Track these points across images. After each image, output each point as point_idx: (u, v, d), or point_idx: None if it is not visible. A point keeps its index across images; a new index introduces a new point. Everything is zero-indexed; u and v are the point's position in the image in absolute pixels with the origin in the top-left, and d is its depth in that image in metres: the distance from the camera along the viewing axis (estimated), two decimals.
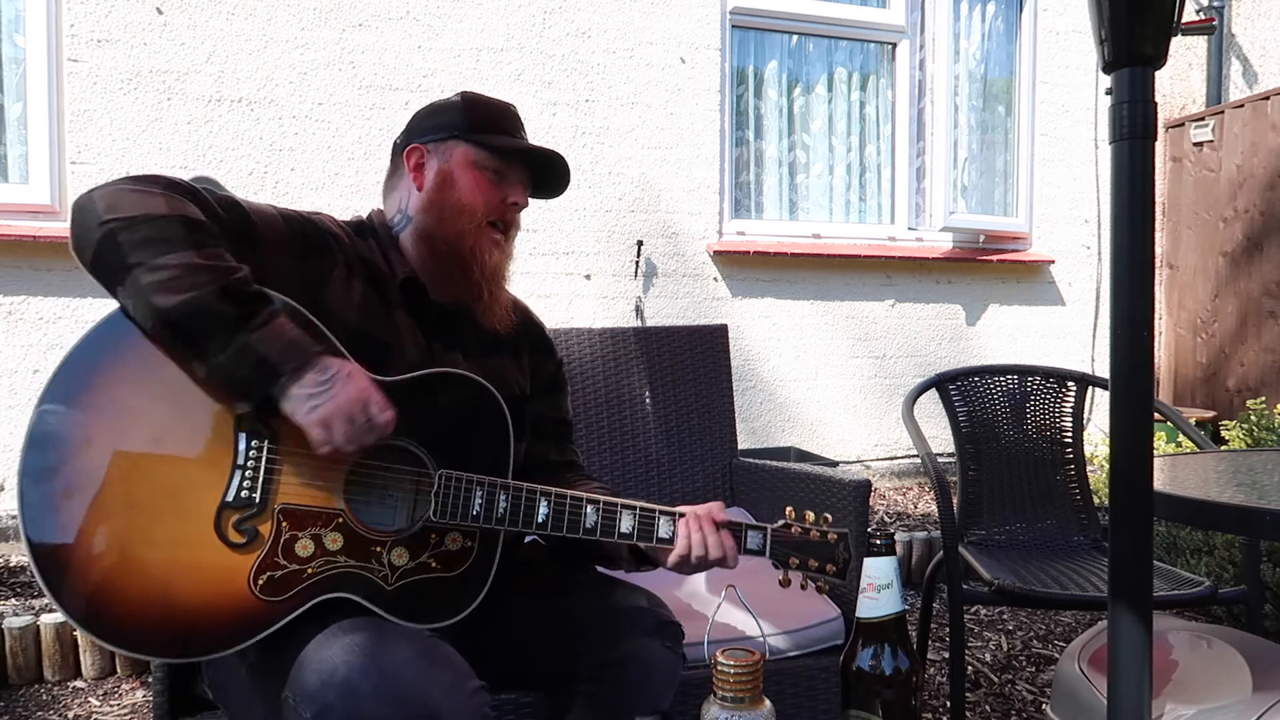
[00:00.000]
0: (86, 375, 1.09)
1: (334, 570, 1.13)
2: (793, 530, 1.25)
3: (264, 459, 1.12)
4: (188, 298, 1.04)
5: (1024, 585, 1.80)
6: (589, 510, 1.23)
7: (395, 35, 3.68)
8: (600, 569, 1.41)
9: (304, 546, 1.12)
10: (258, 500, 1.11)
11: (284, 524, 1.12)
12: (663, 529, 1.23)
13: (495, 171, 1.33)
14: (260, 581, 1.10)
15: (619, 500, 1.24)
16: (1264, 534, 1.57)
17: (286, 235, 1.22)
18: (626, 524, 1.23)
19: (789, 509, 1.27)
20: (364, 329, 1.24)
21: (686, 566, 1.24)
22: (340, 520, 1.14)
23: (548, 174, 1.39)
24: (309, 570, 1.12)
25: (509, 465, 1.24)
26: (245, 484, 1.11)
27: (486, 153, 1.32)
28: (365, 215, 1.39)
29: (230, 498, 1.10)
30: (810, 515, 1.27)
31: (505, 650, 1.31)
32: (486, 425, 1.24)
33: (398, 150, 1.37)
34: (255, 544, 1.10)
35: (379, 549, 1.16)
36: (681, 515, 1.24)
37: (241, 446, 1.12)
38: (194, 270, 1.05)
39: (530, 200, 1.40)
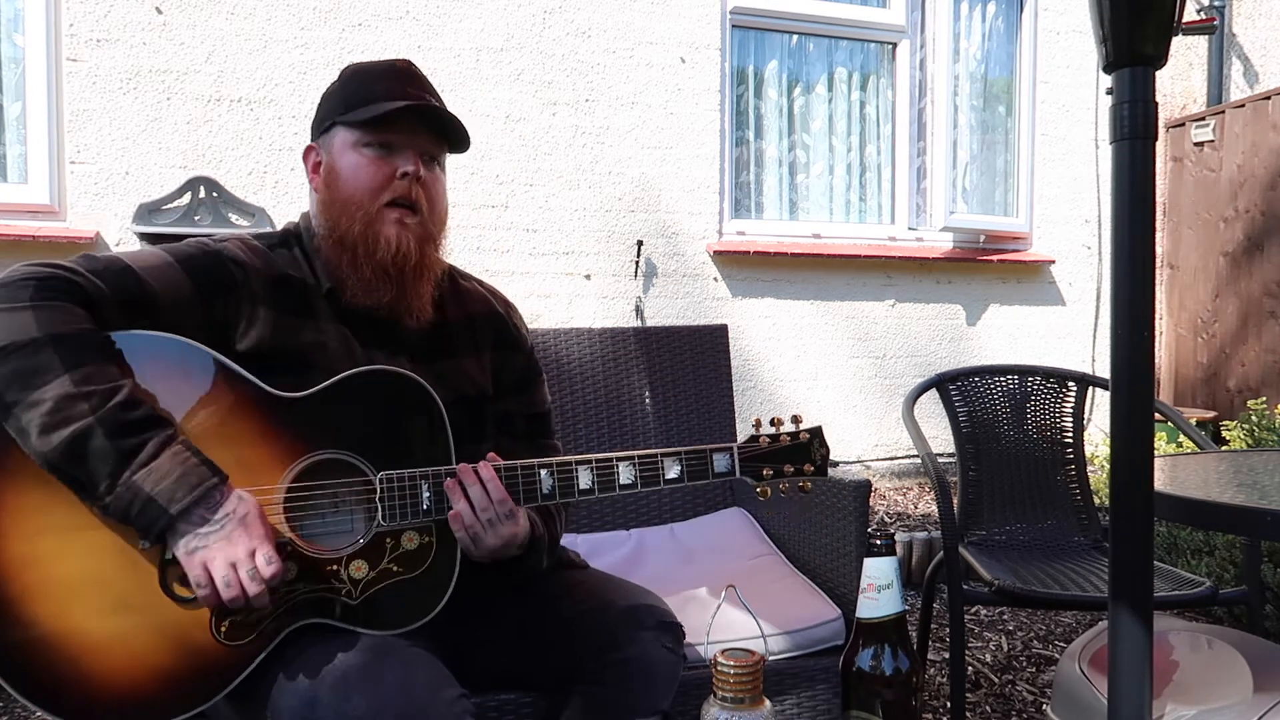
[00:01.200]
0: None
1: (295, 599, 1.10)
2: (761, 441, 1.26)
3: None
4: (66, 435, 0.97)
5: (1024, 586, 1.79)
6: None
7: (395, 35, 3.68)
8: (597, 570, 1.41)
9: None
10: None
11: None
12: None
13: (381, 145, 1.21)
14: (223, 628, 1.07)
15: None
16: (1265, 534, 1.57)
17: (187, 283, 1.14)
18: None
19: (756, 419, 1.28)
20: (285, 352, 1.18)
21: (469, 547, 1.17)
22: (289, 549, 1.10)
23: (444, 124, 1.24)
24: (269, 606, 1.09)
25: (451, 452, 1.19)
26: None
27: (360, 130, 1.21)
28: (296, 220, 1.31)
29: (170, 554, 1.06)
30: (781, 420, 1.27)
31: (505, 650, 1.31)
32: (420, 417, 1.18)
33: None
34: None
35: (335, 567, 1.12)
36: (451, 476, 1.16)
37: None
38: (70, 401, 0.98)
39: (444, 155, 1.27)
